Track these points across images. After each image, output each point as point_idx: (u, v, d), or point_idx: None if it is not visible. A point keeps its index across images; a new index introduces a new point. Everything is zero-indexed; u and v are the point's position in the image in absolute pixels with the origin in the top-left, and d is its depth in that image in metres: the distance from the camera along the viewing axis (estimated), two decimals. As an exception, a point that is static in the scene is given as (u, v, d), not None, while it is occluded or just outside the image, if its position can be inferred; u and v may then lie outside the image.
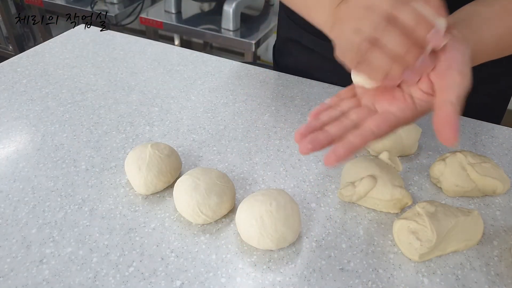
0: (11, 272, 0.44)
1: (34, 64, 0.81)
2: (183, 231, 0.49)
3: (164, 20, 1.70)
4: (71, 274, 0.44)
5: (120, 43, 0.90)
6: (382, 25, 0.34)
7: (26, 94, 0.72)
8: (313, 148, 0.38)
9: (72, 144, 0.62)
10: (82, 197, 0.53)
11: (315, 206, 0.53)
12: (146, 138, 0.64)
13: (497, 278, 0.46)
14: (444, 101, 0.36)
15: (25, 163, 0.58)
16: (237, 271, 0.45)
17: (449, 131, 0.35)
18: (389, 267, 0.46)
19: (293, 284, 0.44)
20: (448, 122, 0.35)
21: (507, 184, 0.55)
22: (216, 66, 0.83)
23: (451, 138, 0.35)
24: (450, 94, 0.36)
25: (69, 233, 0.48)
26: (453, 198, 0.55)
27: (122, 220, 0.50)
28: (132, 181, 0.53)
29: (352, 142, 0.38)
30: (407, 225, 0.46)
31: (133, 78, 0.78)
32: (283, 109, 0.71)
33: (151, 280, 0.44)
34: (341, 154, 0.37)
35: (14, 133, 0.63)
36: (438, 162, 0.56)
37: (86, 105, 0.70)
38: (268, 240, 0.45)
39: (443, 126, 0.35)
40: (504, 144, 0.65)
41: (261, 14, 1.81)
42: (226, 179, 0.51)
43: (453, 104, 0.35)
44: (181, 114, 0.69)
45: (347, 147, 0.37)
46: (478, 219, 0.48)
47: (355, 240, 0.49)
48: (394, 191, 0.51)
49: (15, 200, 0.52)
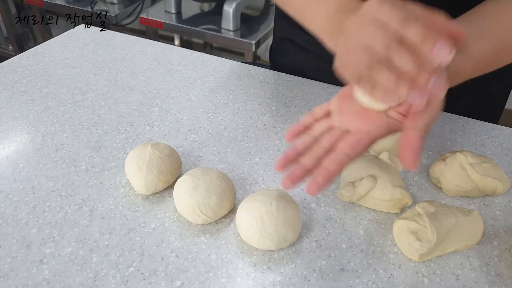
0: (11, 272, 0.44)
1: (34, 64, 0.81)
2: (183, 231, 0.49)
3: (164, 20, 1.70)
4: (71, 274, 0.44)
5: (120, 43, 0.90)
6: (395, 45, 0.34)
7: (26, 94, 0.72)
8: (294, 184, 0.40)
9: (72, 144, 0.62)
10: (82, 197, 0.53)
11: (315, 206, 0.53)
12: (146, 138, 0.64)
13: (497, 278, 0.46)
14: (412, 127, 0.37)
15: (25, 163, 0.58)
16: (237, 271, 0.45)
17: (410, 156, 0.37)
18: (389, 267, 0.46)
19: (293, 284, 0.44)
20: (410, 147, 0.37)
21: (507, 184, 0.55)
22: (216, 66, 0.83)
23: (412, 163, 0.37)
24: (419, 120, 0.37)
25: (69, 233, 0.48)
26: (453, 198, 0.55)
27: (122, 220, 0.50)
28: (132, 181, 0.53)
29: (329, 169, 0.39)
30: (407, 225, 0.46)
31: (133, 78, 0.78)
32: (283, 109, 0.71)
33: (151, 280, 0.44)
34: (320, 182, 0.38)
35: (14, 133, 0.63)
36: (438, 162, 0.56)
37: (86, 105, 0.70)
38: (268, 240, 0.45)
39: (406, 150, 0.37)
40: (504, 144, 0.65)
41: (261, 14, 1.81)
42: (226, 179, 0.51)
43: (420, 131, 0.37)
44: (181, 114, 0.69)
45: (325, 175, 0.39)
46: (478, 219, 0.48)
47: (355, 240, 0.49)
48: (394, 191, 0.51)
49: (15, 200, 0.52)
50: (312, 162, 0.41)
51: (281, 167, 0.42)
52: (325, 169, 0.39)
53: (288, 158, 0.42)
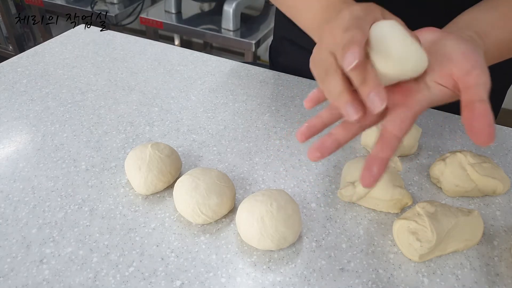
0: (11, 272, 0.44)
1: (34, 64, 0.81)
2: (183, 231, 0.49)
3: (164, 20, 1.70)
4: (71, 274, 0.44)
5: (120, 43, 0.90)
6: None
7: (26, 94, 0.72)
8: (322, 156, 0.38)
9: (72, 144, 0.62)
10: (82, 197, 0.53)
11: (315, 206, 0.53)
12: (146, 138, 0.64)
13: (497, 278, 0.46)
14: (475, 100, 0.34)
15: (25, 163, 0.58)
16: (237, 271, 0.45)
17: (488, 130, 0.33)
18: (389, 267, 0.46)
19: (293, 284, 0.44)
20: (484, 120, 0.33)
21: (507, 184, 0.55)
22: (216, 66, 0.83)
23: (490, 137, 0.33)
24: (480, 92, 0.35)
25: (69, 233, 0.48)
26: (453, 198, 0.55)
27: (122, 220, 0.50)
28: (132, 181, 0.53)
29: (381, 157, 0.36)
30: (407, 225, 0.46)
31: (133, 78, 0.78)
32: (283, 109, 0.71)
33: (151, 280, 0.44)
34: (376, 173, 0.35)
35: (14, 133, 0.63)
36: (438, 162, 0.56)
37: (86, 105, 0.70)
38: (268, 240, 0.45)
39: (480, 125, 0.33)
40: (504, 144, 0.65)
41: (261, 14, 1.81)
42: (226, 179, 0.51)
43: (485, 102, 0.34)
44: (181, 114, 0.69)
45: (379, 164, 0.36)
46: (478, 219, 0.48)
47: (355, 240, 0.49)
48: (394, 191, 0.51)
49: (15, 200, 0.52)
50: (346, 136, 0.38)
51: (304, 136, 0.39)
52: (378, 158, 0.36)
53: (312, 127, 0.40)
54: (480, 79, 0.35)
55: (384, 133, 0.36)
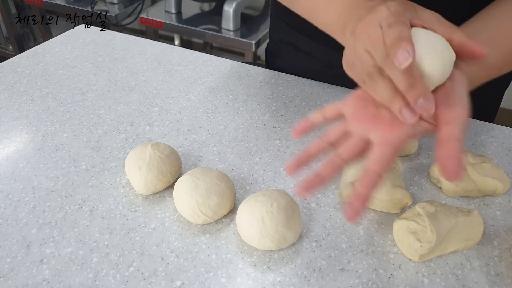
0: (11, 272, 0.44)
1: (34, 64, 0.81)
2: (183, 231, 0.49)
3: (164, 20, 1.70)
4: (71, 274, 0.44)
5: (120, 43, 0.90)
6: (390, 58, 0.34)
7: (26, 94, 0.72)
8: (308, 192, 0.40)
9: (72, 144, 0.62)
10: (82, 197, 0.53)
11: (315, 206, 0.53)
12: (146, 138, 0.64)
13: (497, 278, 0.46)
14: (450, 137, 0.35)
15: (25, 163, 0.58)
16: (237, 271, 0.45)
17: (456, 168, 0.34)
18: (389, 267, 0.46)
19: (293, 284, 0.44)
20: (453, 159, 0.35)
21: (507, 184, 0.55)
22: (216, 66, 0.83)
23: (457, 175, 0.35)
24: (456, 129, 0.35)
25: (69, 233, 0.48)
26: (453, 198, 0.55)
27: (122, 220, 0.50)
28: (132, 181, 0.53)
29: (363, 193, 0.37)
30: (407, 225, 0.46)
31: (133, 78, 0.78)
32: (283, 109, 0.71)
33: (151, 280, 0.44)
34: (358, 208, 0.37)
35: (14, 133, 0.63)
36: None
37: (86, 105, 0.70)
38: (268, 240, 0.45)
39: (449, 163, 0.35)
40: (504, 144, 0.65)
41: (261, 14, 1.81)
42: (226, 179, 0.51)
43: (459, 140, 0.35)
44: (181, 114, 0.69)
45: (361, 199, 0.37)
46: (478, 219, 0.48)
47: (355, 240, 0.49)
48: (394, 191, 0.51)
49: (15, 200, 0.52)
50: (329, 172, 0.40)
51: (292, 170, 0.41)
52: (360, 194, 0.37)
53: (300, 161, 0.41)
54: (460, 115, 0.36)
55: (366, 171, 0.38)
